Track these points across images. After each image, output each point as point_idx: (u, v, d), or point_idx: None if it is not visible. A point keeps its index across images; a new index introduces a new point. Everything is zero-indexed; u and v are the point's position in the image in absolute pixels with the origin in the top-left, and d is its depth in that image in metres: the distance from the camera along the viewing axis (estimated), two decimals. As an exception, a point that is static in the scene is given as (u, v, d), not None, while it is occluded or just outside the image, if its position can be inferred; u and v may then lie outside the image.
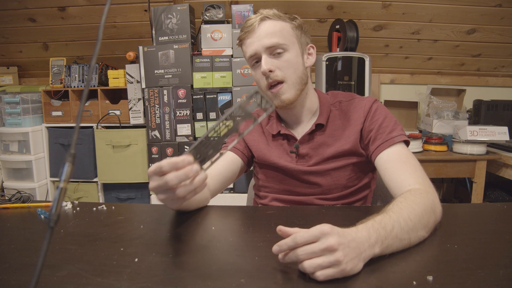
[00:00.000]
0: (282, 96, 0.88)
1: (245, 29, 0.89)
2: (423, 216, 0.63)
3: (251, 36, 0.88)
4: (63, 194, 0.41)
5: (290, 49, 0.88)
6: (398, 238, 0.57)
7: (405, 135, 0.86)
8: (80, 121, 0.44)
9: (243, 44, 0.92)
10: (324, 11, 2.32)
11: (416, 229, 0.61)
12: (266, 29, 0.87)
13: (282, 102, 0.88)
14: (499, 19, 2.29)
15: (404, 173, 0.78)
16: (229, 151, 1.00)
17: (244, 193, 1.99)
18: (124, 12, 2.35)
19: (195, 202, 0.82)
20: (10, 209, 0.87)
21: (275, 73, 0.86)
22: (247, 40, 0.89)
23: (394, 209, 0.62)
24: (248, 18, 0.90)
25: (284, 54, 0.87)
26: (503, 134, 1.95)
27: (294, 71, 0.88)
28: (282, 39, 0.87)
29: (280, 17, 0.89)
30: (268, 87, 0.88)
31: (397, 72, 2.65)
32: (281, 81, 0.87)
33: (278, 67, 0.87)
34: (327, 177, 0.92)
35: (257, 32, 0.87)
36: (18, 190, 0.93)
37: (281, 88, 0.87)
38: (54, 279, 0.52)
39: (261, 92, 0.58)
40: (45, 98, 2.31)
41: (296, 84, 0.89)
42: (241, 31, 0.91)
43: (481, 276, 0.51)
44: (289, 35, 0.89)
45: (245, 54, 0.92)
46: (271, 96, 0.89)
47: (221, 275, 0.53)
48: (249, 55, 0.89)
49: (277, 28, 0.87)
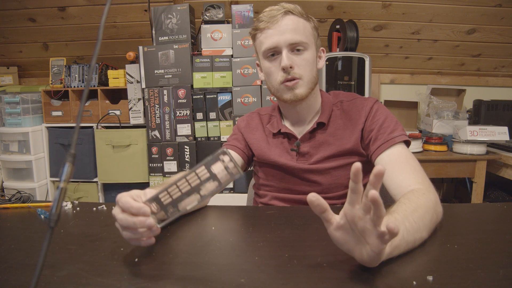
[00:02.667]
0: (296, 90, 0.88)
1: (265, 18, 0.87)
2: (426, 217, 0.63)
3: (273, 28, 0.86)
4: (63, 194, 0.41)
5: (309, 48, 0.88)
6: (404, 240, 0.56)
7: (406, 135, 0.86)
8: (80, 121, 0.44)
9: (262, 33, 0.88)
10: (324, 11, 2.32)
11: (420, 231, 0.60)
12: (290, 25, 0.86)
13: (295, 96, 0.88)
14: (499, 19, 2.29)
15: (404, 174, 0.78)
16: (229, 149, 1.00)
17: (244, 193, 1.99)
18: (124, 12, 2.35)
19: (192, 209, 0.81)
20: (10, 209, 0.87)
21: (294, 70, 0.86)
22: (268, 30, 0.87)
23: (399, 211, 0.61)
24: (270, 8, 0.88)
25: (304, 53, 0.87)
26: (503, 134, 1.95)
27: (310, 70, 0.89)
28: (304, 37, 0.87)
29: (302, 15, 0.89)
30: (284, 81, 0.88)
31: (397, 72, 2.65)
32: (298, 78, 0.87)
33: (297, 65, 0.87)
34: (327, 176, 0.92)
35: (280, 25, 0.85)
36: (18, 190, 0.93)
37: (297, 82, 0.87)
38: (54, 279, 0.52)
39: (229, 154, 0.52)
40: (45, 98, 2.31)
41: (310, 83, 0.89)
42: (259, 21, 0.88)
43: (481, 276, 0.51)
44: (309, 34, 0.89)
45: (262, 44, 0.89)
46: (284, 89, 0.89)
47: (221, 275, 0.53)
48: (268, 47, 0.87)
49: (300, 25, 0.87)
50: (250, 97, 2.03)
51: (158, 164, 2.12)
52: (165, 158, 2.10)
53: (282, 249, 0.61)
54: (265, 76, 0.94)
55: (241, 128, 1.04)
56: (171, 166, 2.10)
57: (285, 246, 0.63)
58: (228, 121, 2.07)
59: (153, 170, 2.13)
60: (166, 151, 2.10)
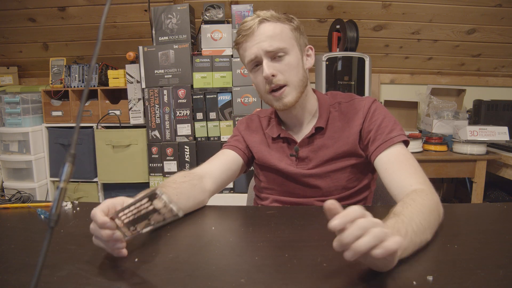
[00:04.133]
0: (285, 99, 0.87)
1: (242, 32, 0.87)
2: (431, 219, 0.63)
3: (250, 40, 0.86)
4: (63, 194, 0.41)
5: (291, 52, 0.87)
6: (412, 242, 0.56)
7: (404, 135, 0.86)
8: (80, 121, 0.44)
9: (241, 47, 0.89)
10: (324, 11, 2.32)
11: (425, 233, 0.60)
12: (266, 32, 0.85)
13: (285, 105, 0.88)
14: (499, 19, 2.29)
15: (404, 174, 0.78)
16: (230, 150, 0.99)
17: (244, 193, 1.99)
18: (124, 12, 2.35)
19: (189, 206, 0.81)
20: (10, 209, 0.87)
21: (277, 77, 0.85)
22: (246, 43, 0.87)
23: (405, 213, 0.60)
24: (245, 20, 0.88)
25: (285, 58, 0.86)
26: (503, 134, 1.95)
27: (295, 74, 0.87)
28: (283, 42, 0.85)
29: (278, 19, 0.87)
30: (270, 91, 0.87)
31: (397, 72, 2.65)
32: (283, 85, 0.86)
33: (279, 71, 0.86)
34: (326, 179, 0.92)
35: (256, 36, 0.85)
36: (18, 190, 0.93)
37: (284, 91, 0.87)
38: (54, 279, 0.52)
39: (164, 197, 0.52)
40: (45, 98, 2.31)
41: (298, 87, 0.88)
42: (238, 34, 0.88)
43: (481, 276, 0.51)
44: (288, 37, 0.87)
45: (243, 58, 0.90)
46: (273, 99, 0.88)
47: (221, 275, 0.53)
48: (249, 60, 0.87)
49: (277, 31, 0.85)
50: (250, 97, 2.03)
51: (158, 164, 2.12)
52: (165, 158, 2.10)
53: (282, 249, 0.61)
54: (255, 87, 0.94)
55: (241, 130, 1.03)
56: (171, 166, 2.10)
57: (285, 246, 0.63)
58: (228, 121, 2.07)
59: (153, 170, 2.13)
60: (166, 151, 2.10)
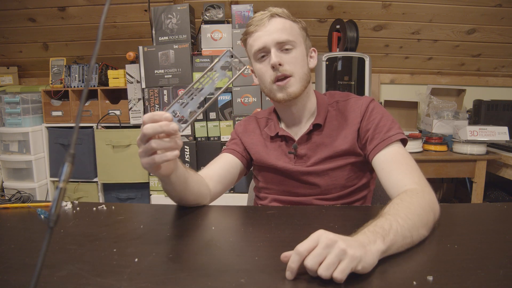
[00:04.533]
0: (289, 89, 0.89)
1: (254, 23, 0.90)
2: (421, 214, 0.63)
3: (260, 30, 0.89)
4: (63, 194, 0.41)
5: (298, 47, 0.90)
6: (400, 235, 0.57)
7: (402, 133, 0.87)
8: (80, 121, 0.43)
9: (250, 37, 0.91)
10: (324, 11, 2.32)
11: (416, 227, 0.61)
12: (277, 25, 0.88)
13: (289, 95, 0.89)
14: (499, 19, 2.29)
15: (400, 174, 0.79)
16: (228, 153, 1.00)
17: (244, 193, 1.99)
18: (124, 12, 2.35)
19: (192, 192, 0.82)
20: (10, 209, 0.87)
21: (283, 67, 0.87)
22: (256, 33, 0.89)
23: (390, 212, 0.62)
24: (258, 13, 0.91)
25: (293, 51, 0.89)
26: (503, 134, 1.95)
27: (301, 67, 0.90)
28: (292, 36, 0.89)
29: (289, 17, 0.91)
30: (275, 80, 0.89)
31: (397, 72, 2.65)
32: (289, 75, 0.88)
33: (286, 62, 0.88)
34: (325, 177, 0.92)
35: (267, 27, 0.88)
36: (18, 190, 0.93)
37: (289, 81, 0.88)
38: (54, 279, 0.52)
39: (232, 51, 0.65)
40: (45, 98, 2.31)
41: (302, 80, 0.90)
42: (248, 26, 0.91)
43: (481, 276, 0.51)
44: (297, 34, 0.91)
45: (252, 47, 0.92)
46: (277, 89, 0.90)
47: (221, 275, 0.53)
48: (257, 48, 0.89)
49: (287, 25, 0.89)
50: (250, 97, 2.03)
51: (158, 164, 2.12)
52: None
53: (282, 249, 0.61)
54: (258, 79, 0.95)
55: (238, 133, 1.04)
56: (171, 166, 2.10)
57: (285, 246, 0.63)
58: (228, 121, 2.07)
59: (153, 170, 2.13)
60: (166, 151, 2.09)
